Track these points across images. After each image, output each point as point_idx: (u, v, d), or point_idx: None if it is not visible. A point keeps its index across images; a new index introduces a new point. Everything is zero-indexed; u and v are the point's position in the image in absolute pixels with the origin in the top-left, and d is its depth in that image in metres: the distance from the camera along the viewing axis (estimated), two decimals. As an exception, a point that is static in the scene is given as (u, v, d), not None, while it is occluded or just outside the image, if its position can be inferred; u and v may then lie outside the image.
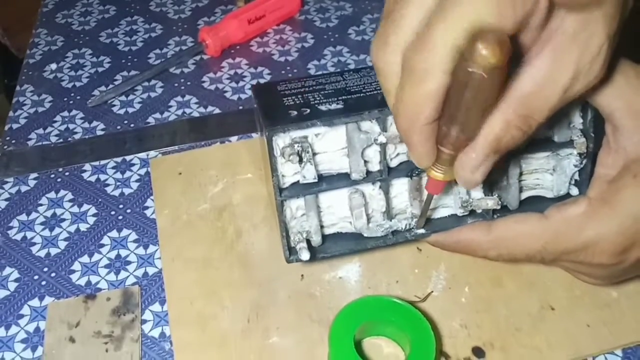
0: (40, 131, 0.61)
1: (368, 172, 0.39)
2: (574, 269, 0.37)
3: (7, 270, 0.48)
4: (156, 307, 0.46)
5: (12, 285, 0.47)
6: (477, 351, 0.42)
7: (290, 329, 0.43)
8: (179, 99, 0.65)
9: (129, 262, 0.49)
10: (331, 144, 0.38)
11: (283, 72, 0.68)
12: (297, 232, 0.40)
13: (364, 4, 0.79)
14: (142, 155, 0.58)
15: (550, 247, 0.34)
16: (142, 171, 0.56)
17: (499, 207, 0.39)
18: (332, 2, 0.79)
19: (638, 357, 0.42)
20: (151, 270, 0.48)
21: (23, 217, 0.53)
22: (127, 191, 0.55)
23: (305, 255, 0.39)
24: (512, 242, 0.35)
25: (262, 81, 0.67)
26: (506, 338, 0.42)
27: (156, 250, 0.50)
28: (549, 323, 0.43)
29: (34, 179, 0.56)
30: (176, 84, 0.67)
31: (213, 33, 0.69)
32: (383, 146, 0.37)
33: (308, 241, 0.40)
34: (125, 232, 0.51)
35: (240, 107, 0.63)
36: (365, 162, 0.38)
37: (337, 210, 0.40)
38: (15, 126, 0.62)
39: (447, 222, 0.41)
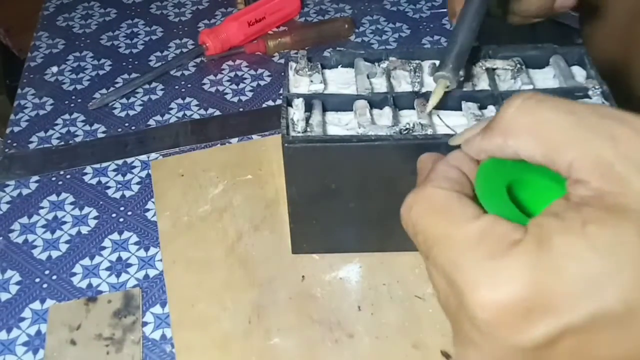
0: (42, 134, 0.61)
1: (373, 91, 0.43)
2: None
3: (9, 273, 0.49)
4: (157, 309, 0.46)
5: (14, 288, 0.48)
6: (479, 351, 0.42)
7: (291, 330, 0.43)
8: (179, 101, 0.65)
9: (130, 265, 0.49)
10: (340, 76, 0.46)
11: (283, 73, 0.68)
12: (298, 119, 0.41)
13: (363, 5, 0.79)
14: (143, 157, 0.58)
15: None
16: (143, 173, 0.57)
17: None
18: (331, 4, 0.79)
19: None
20: (152, 273, 0.48)
21: (24, 220, 0.53)
22: (128, 194, 0.55)
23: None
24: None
25: (262, 83, 0.67)
26: (507, 338, 0.42)
27: (157, 252, 0.50)
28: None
29: (36, 181, 0.56)
30: (177, 87, 0.67)
31: (213, 35, 0.69)
32: (388, 71, 0.44)
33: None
34: (126, 234, 0.51)
35: (241, 109, 0.64)
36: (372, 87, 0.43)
37: (343, 118, 0.43)
38: (16, 129, 0.62)
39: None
